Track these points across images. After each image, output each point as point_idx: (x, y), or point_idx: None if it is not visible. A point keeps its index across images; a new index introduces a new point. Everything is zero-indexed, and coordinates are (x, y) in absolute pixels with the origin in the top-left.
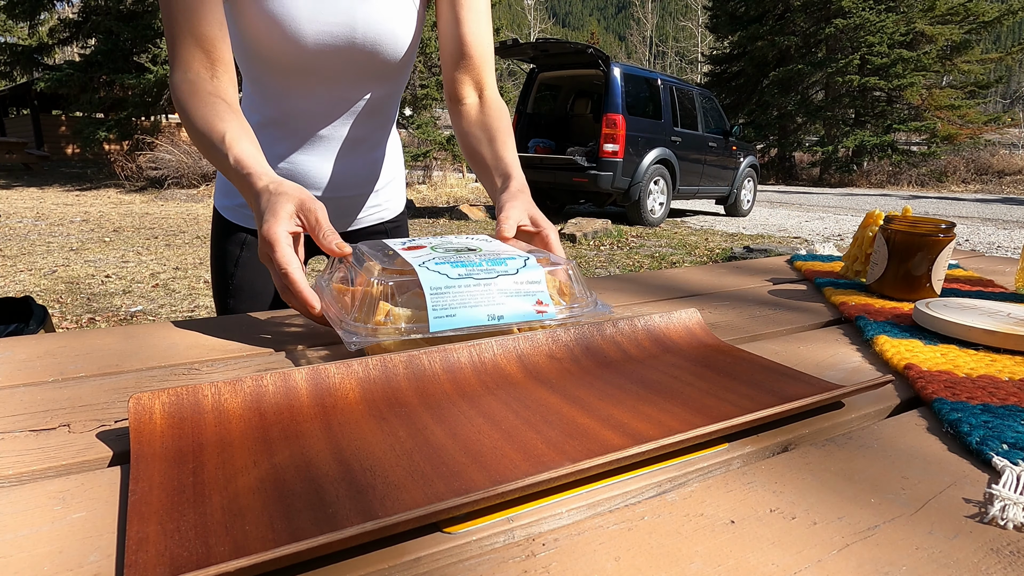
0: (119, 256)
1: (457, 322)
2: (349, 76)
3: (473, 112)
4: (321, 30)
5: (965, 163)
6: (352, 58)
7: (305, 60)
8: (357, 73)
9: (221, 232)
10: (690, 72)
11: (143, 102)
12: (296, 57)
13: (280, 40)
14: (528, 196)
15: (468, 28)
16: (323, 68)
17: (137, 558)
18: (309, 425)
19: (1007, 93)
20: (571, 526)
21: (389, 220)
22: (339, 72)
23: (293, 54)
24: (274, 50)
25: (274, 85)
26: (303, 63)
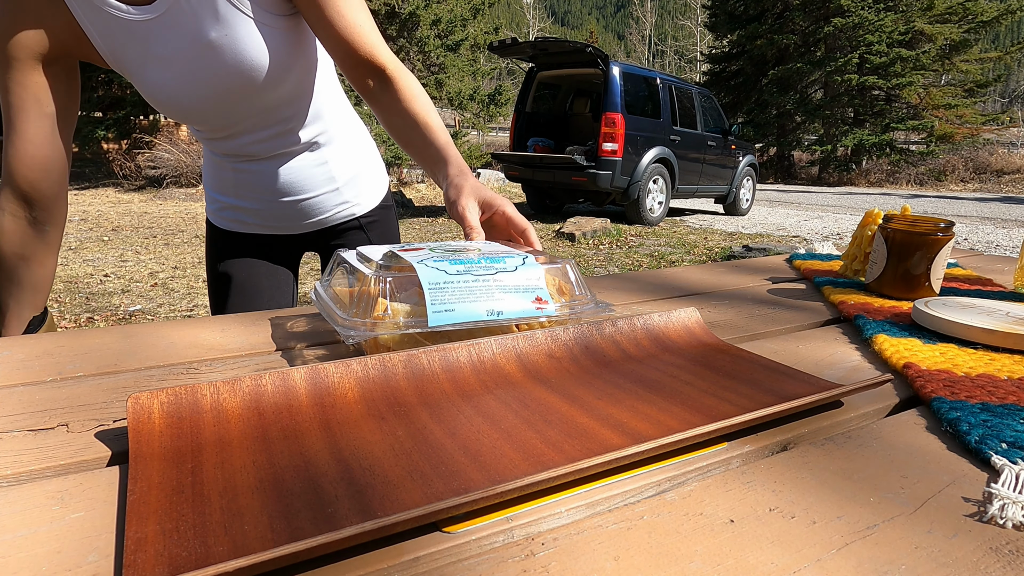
0: (118, 255)
1: (456, 317)
2: (248, 108)
3: (385, 98)
4: (194, 93)
5: (964, 162)
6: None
7: (204, 113)
8: (253, 104)
9: (213, 237)
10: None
11: (142, 101)
12: (196, 113)
13: (175, 110)
14: (468, 181)
15: (336, 23)
16: (223, 113)
17: (136, 558)
18: (308, 425)
19: (1005, 92)
20: (570, 525)
21: (362, 216)
22: (238, 108)
23: (192, 112)
24: (178, 115)
25: (202, 129)
26: (205, 115)
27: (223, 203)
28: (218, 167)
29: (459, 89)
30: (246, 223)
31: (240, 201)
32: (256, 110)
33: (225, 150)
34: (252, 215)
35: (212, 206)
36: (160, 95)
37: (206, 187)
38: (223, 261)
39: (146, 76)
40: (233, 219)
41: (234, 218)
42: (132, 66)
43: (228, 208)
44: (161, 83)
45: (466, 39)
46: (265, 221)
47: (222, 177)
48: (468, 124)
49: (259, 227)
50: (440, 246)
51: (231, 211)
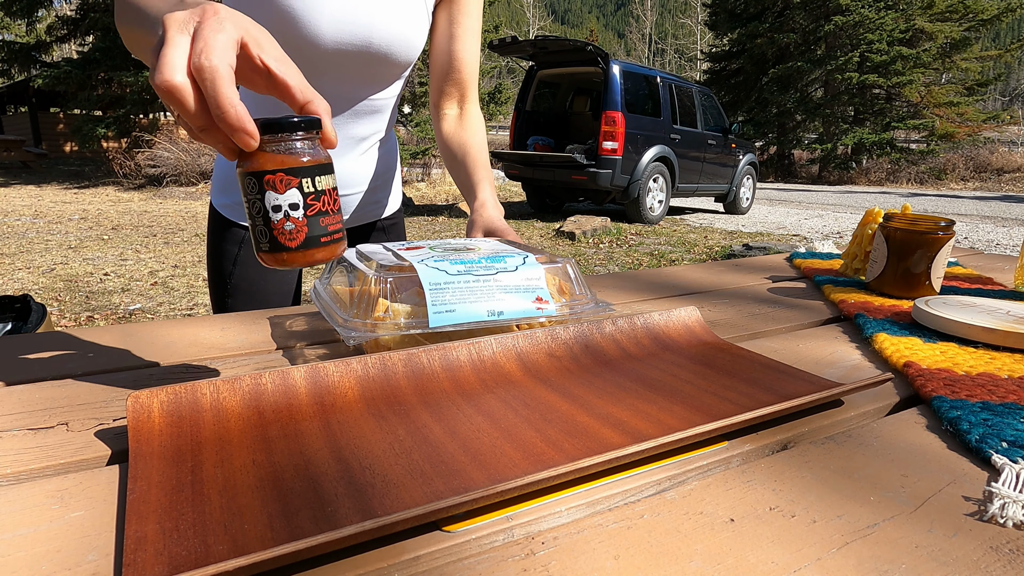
0: (118, 254)
1: (456, 318)
2: (357, 77)
3: (452, 124)
4: (340, 30)
5: (964, 161)
6: (364, 61)
7: (318, 59)
8: (366, 75)
9: (218, 230)
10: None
11: (141, 100)
12: (309, 55)
13: (296, 37)
14: (486, 211)
15: (461, 45)
16: (334, 68)
17: (135, 557)
18: (308, 424)
19: (1006, 91)
20: (570, 524)
21: (385, 217)
22: (349, 73)
23: (307, 52)
24: (288, 45)
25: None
26: (315, 62)
27: None
28: None
29: None
30: None
31: None
32: (362, 81)
33: None
34: None
35: (230, 198)
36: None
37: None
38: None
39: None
40: None
41: None
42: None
43: None
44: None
45: None
46: None
47: None
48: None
49: None
50: (440, 244)
51: None
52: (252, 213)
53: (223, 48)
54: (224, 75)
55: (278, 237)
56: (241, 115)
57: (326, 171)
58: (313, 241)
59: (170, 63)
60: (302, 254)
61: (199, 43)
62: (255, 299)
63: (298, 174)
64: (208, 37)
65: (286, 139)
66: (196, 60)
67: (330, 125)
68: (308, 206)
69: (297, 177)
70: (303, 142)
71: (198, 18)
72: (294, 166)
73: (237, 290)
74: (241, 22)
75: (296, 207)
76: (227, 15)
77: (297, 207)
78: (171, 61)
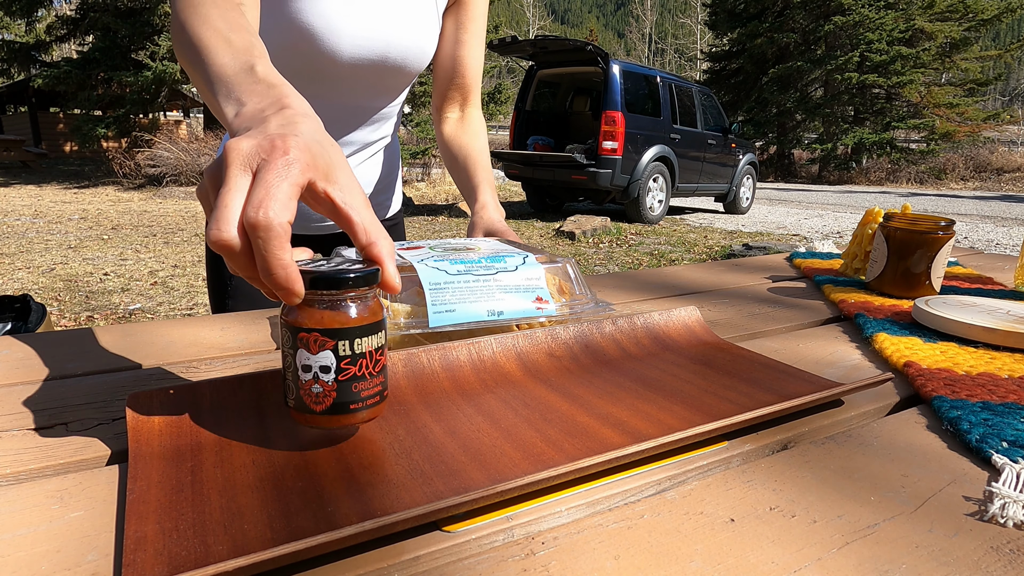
0: (117, 254)
1: (456, 317)
2: (371, 88)
3: (453, 127)
4: (359, 45)
5: (964, 160)
6: (379, 73)
7: (336, 72)
8: (379, 86)
9: None
10: (689, 69)
11: (141, 99)
12: (328, 69)
13: (314, 53)
14: (486, 212)
15: (467, 51)
16: (349, 81)
17: (135, 557)
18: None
19: (1006, 90)
20: (570, 524)
21: (386, 219)
22: (362, 85)
23: (326, 66)
24: (306, 61)
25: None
26: (331, 76)
27: None
28: None
29: None
30: None
31: None
32: (377, 91)
33: None
34: None
35: None
36: (321, 26)
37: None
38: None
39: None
40: None
41: None
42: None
43: None
44: (331, 14)
45: None
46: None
47: None
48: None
49: None
50: (440, 244)
51: None
52: (284, 362)
53: (284, 201)
54: (278, 235)
55: (304, 398)
56: (290, 276)
57: (371, 331)
58: (341, 408)
59: (226, 217)
60: (327, 419)
61: (259, 191)
62: (256, 301)
63: (335, 336)
64: (271, 185)
65: (332, 296)
66: (252, 214)
67: (392, 270)
68: (341, 370)
69: (334, 339)
70: (351, 300)
71: (265, 154)
72: (333, 327)
73: (238, 292)
74: (312, 154)
75: (327, 370)
76: (298, 147)
77: (328, 370)
78: (227, 215)
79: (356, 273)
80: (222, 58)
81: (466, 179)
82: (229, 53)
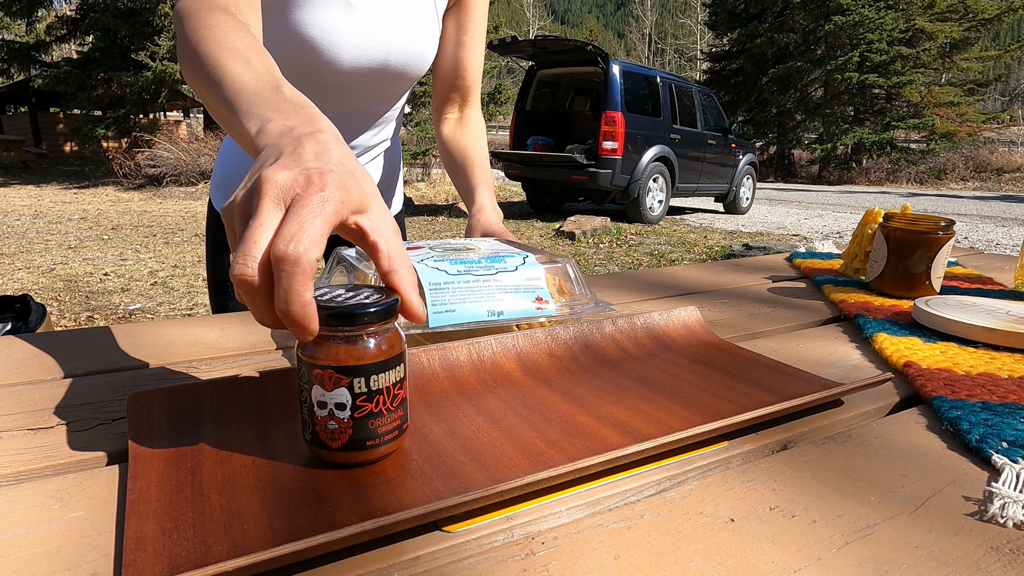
0: (117, 254)
1: (456, 317)
2: (372, 94)
3: (452, 128)
4: (359, 55)
5: (964, 161)
6: (380, 79)
7: (336, 81)
8: (380, 92)
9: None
10: (689, 69)
11: (141, 100)
12: (328, 78)
13: (315, 62)
14: (484, 215)
15: (467, 52)
16: (349, 88)
17: (135, 557)
18: None
19: (1006, 91)
20: (570, 524)
21: None
22: (363, 91)
23: (326, 75)
24: (307, 70)
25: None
26: (333, 83)
27: None
28: None
29: None
30: None
31: None
32: (378, 97)
33: None
34: None
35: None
36: (322, 39)
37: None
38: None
39: (320, 12)
40: None
41: None
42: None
43: None
44: (333, 27)
45: None
46: None
47: None
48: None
49: None
50: (440, 244)
51: None
52: (300, 396)
53: (316, 238)
54: (304, 271)
55: (319, 434)
56: (307, 314)
57: (389, 366)
58: (357, 444)
59: (253, 253)
60: (344, 455)
61: (292, 225)
62: None
63: (351, 373)
64: (304, 220)
65: (348, 332)
66: (281, 247)
67: (414, 299)
68: (357, 407)
69: (349, 376)
70: (368, 336)
71: (301, 189)
72: (348, 363)
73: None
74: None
75: (343, 407)
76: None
77: (344, 407)
78: (254, 251)
79: (373, 308)
80: (243, 76)
81: (464, 180)
82: (250, 72)
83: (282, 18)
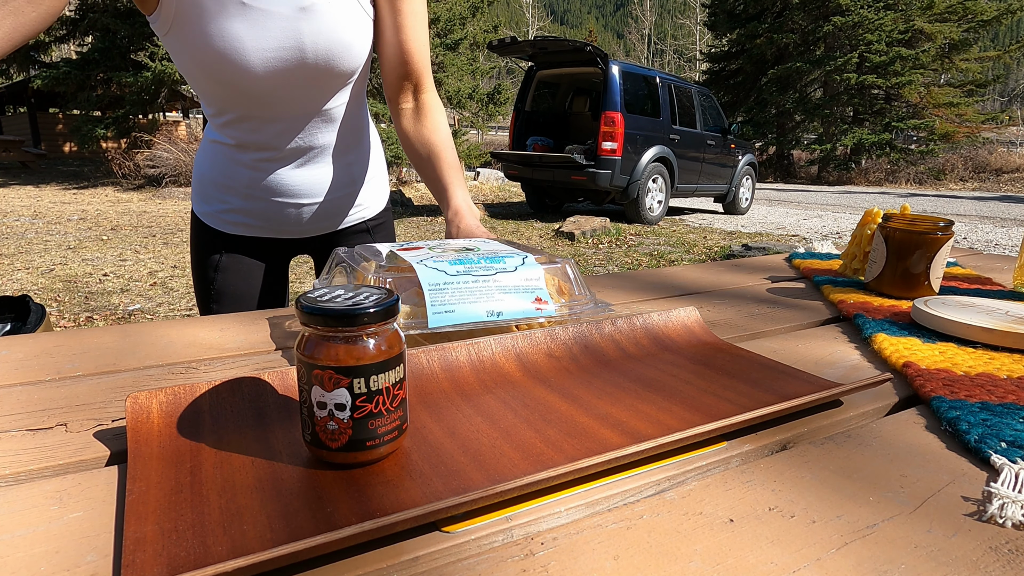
0: (117, 254)
1: (456, 318)
2: (306, 91)
3: (410, 121)
4: (268, 57)
5: (963, 161)
6: (306, 75)
7: (258, 85)
8: (314, 87)
9: (200, 236)
10: (688, 70)
11: (140, 100)
12: (249, 84)
13: (229, 73)
14: (464, 220)
15: (408, 35)
16: (278, 88)
17: (134, 558)
18: None
19: (1005, 91)
20: (570, 525)
21: (371, 219)
22: (296, 89)
23: (246, 82)
24: (225, 82)
25: (235, 107)
26: (258, 88)
27: (229, 205)
28: (231, 165)
29: (458, 88)
30: (251, 226)
31: (248, 203)
32: (312, 95)
33: (250, 141)
34: (259, 218)
35: (211, 207)
36: (226, 49)
37: (205, 188)
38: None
39: (218, 23)
40: (238, 222)
41: (239, 221)
42: (205, 7)
43: (235, 211)
44: (234, 35)
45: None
46: (272, 224)
47: (234, 176)
48: (467, 123)
49: (263, 230)
50: (439, 244)
51: (238, 214)
52: (300, 397)
53: None
54: None
55: (319, 434)
56: None
57: (388, 366)
58: (357, 444)
59: None
60: (343, 455)
61: None
62: (241, 303)
63: (350, 374)
64: None
65: (347, 332)
66: None
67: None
68: (356, 408)
69: (349, 377)
70: (368, 336)
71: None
72: (348, 364)
73: (222, 295)
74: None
75: (343, 408)
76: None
77: (344, 408)
78: None
79: (372, 308)
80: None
81: (434, 180)
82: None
83: (184, 37)
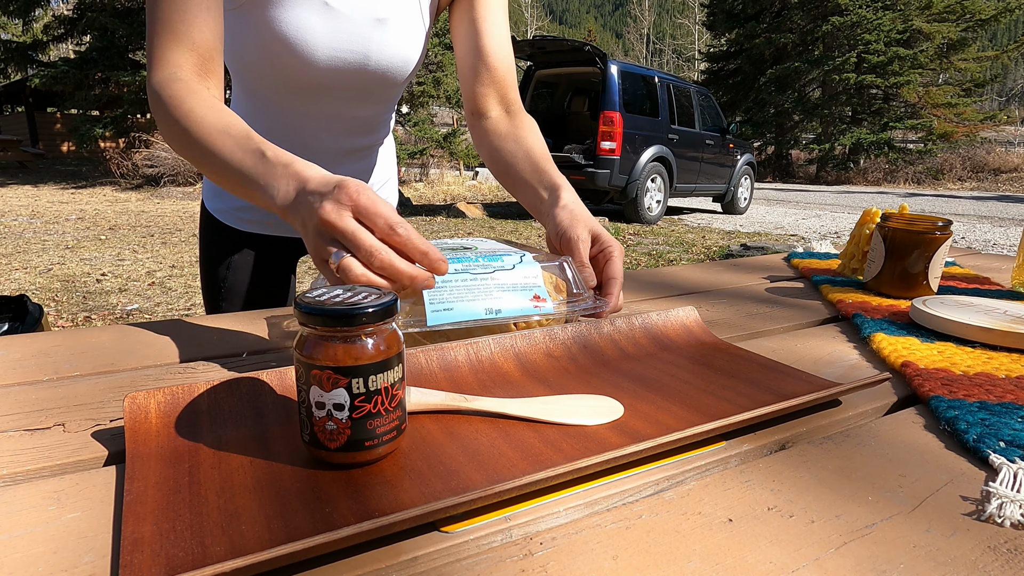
0: (115, 254)
1: (454, 316)
2: (354, 97)
3: (502, 126)
4: (335, 55)
5: (961, 161)
6: (361, 81)
7: (313, 80)
8: (363, 93)
9: (211, 233)
10: (687, 70)
11: (139, 99)
12: (304, 78)
13: (290, 61)
14: (584, 211)
15: (488, 38)
16: (329, 88)
17: (132, 558)
18: None
19: (1003, 91)
20: (569, 525)
21: None
22: (345, 93)
23: (302, 75)
24: (282, 69)
25: (273, 99)
26: (310, 83)
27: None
28: None
29: (457, 87)
30: (267, 224)
31: None
32: (361, 98)
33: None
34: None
35: (226, 204)
36: (297, 38)
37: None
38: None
39: (296, 11)
40: (254, 220)
41: (256, 219)
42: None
43: (253, 209)
44: (308, 26)
45: None
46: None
47: None
48: (466, 123)
49: (279, 229)
50: (438, 244)
51: (256, 212)
52: (298, 397)
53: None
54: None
55: (318, 434)
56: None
57: (387, 366)
58: (356, 445)
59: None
60: (342, 455)
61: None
62: (250, 302)
63: (349, 374)
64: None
65: (346, 332)
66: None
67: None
68: (355, 408)
69: (347, 377)
70: (366, 336)
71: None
72: (346, 364)
73: (232, 294)
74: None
75: (341, 408)
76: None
77: (342, 408)
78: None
79: (371, 308)
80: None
81: (536, 182)
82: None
83: (256, 15)
